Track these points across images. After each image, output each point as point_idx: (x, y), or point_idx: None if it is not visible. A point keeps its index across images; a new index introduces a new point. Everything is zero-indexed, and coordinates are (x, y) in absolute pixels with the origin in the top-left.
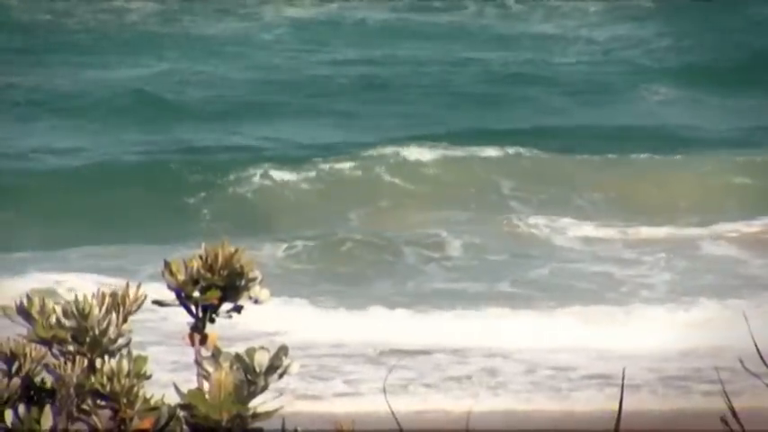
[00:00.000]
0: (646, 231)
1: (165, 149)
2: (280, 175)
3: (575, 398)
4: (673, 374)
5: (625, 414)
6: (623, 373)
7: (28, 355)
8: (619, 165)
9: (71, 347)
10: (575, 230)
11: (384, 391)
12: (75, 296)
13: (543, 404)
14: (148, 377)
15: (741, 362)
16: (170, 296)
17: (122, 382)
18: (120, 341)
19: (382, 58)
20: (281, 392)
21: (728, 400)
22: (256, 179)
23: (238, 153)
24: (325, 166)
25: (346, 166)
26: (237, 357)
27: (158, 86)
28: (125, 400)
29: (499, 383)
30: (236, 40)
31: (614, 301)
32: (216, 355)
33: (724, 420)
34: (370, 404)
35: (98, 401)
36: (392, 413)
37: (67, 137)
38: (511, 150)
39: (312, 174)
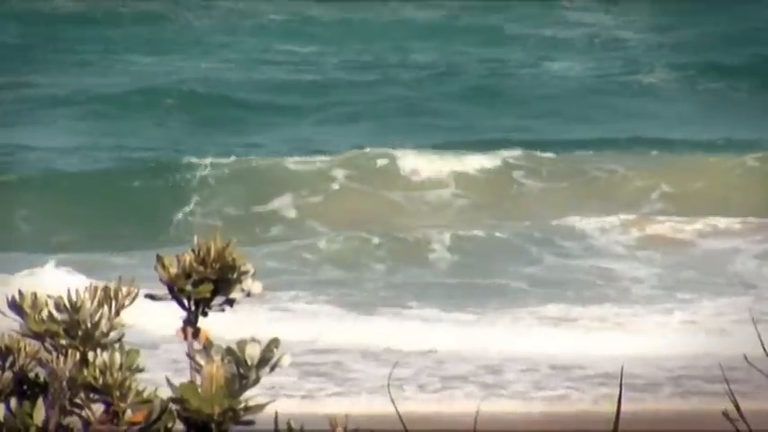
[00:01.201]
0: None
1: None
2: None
3: (575, 398)
4: (675, 374)
5: (625, 414)
6: (621, 371)
7: (21, 349)
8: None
9: (63, 341)
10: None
11: (388, 390)
12: (68, 290)
13: (543, 404)
14: (141, 370)
15: (745, 357)
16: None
17: (115, 375)
18: (113, 335)
19: (377, 57)
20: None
21: (733, 396)
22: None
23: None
24: (335, 166)
25: (358, 165)
26: (229, 350)
27: (162, 83)
28: (117, 394)
29: (499, 383)
30: (224, 31)
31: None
32: (208, 348)
33: (726, 415)
34: (368, 404)
35: (91, 395)
36: (397, 413)
37: (64, 136)
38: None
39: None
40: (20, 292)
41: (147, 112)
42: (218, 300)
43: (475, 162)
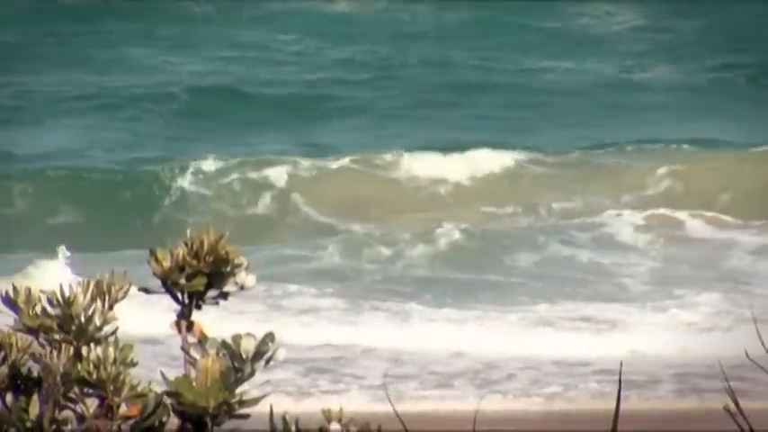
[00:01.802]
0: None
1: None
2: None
3: (574, 396)
4: (673, 372)
5: (624, 413)
6: (620, 367)
7: (14, 344)
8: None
9: (57, 336)
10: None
11: (385, 390)
12: (60, 284)
13: (542, 403)
14: (134, 364)
15: (746, 352)
16: None
17: (108, 369)
18: (107, 329)
19: (380, 53)
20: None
21: (732, 393)
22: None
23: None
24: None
25: (383, 164)
26: (224, 344)
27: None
28: (112, 388)
29: (496, 381)
30: (224, 23)
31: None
32: (202, 341)
33: (727, 410)
34: (364, 401)
35: (85, 389)
36: (396, 413)
37: (64, 135)
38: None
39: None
40: (13, 287)
41: (146, 108)
42: (212, 293)
43: (478, 159)
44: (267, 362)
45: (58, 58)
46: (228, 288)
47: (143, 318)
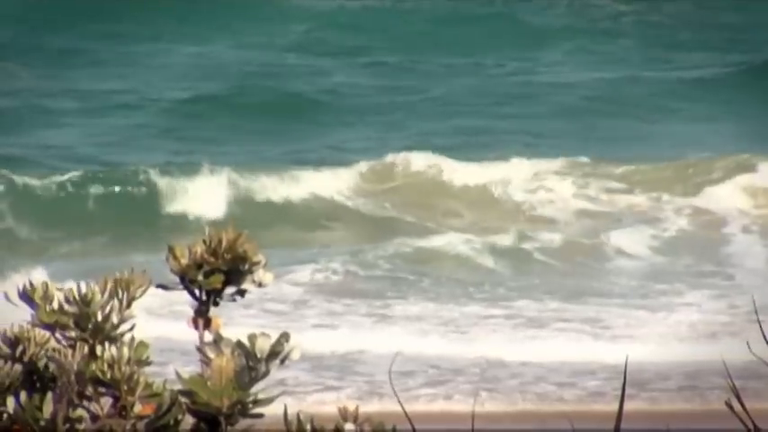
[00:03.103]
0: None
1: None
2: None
3: (573, 396)
4: (675, 372)
5: (627, 414)
6: (625, 362)
7: (31, 339)
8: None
9: (73, 333)
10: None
11: (392, 388)
12: (78, 282)
13: (542, 403)
14: (149, 363)
15: (748, 345)
16: None
17: (123, 369)
18: (124, 327)
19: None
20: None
21: (734, 387)
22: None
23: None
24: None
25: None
26: (239, 343)
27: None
28: (125, 388)
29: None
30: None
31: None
32: (217, 340)
33: (729, 405)
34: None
35: (99, 388)
36: (404, 412)
37: (62, 138)
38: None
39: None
40: (30, 283)
41: (148, 112)
42: (230, 290)
43: (513, 166)
44: (282, 361)
45: (56, 56)
46: (246, 286)
47: None
